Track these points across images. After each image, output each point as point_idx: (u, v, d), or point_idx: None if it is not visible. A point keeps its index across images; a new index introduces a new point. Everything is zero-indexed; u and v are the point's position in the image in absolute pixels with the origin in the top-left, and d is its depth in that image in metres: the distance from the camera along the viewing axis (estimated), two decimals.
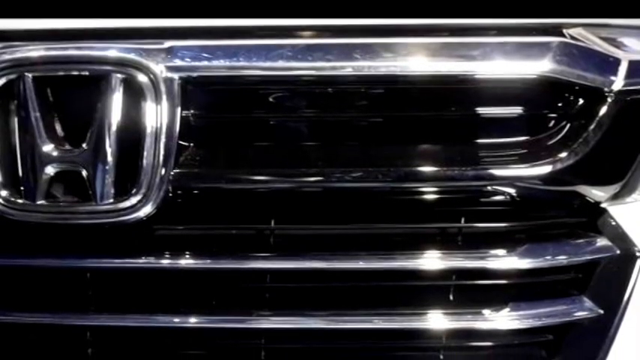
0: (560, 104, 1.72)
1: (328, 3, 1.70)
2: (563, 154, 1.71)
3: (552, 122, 1.73)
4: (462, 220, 1.76)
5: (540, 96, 1.72)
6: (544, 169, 1.70)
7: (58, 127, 1.68)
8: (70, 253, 1.71)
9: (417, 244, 1.74)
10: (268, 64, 1.66)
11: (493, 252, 1.74)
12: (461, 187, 1.71)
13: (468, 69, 1.68)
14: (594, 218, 1.80)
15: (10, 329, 1.74)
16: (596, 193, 1.76)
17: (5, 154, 1.66)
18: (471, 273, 1.75)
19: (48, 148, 1.66)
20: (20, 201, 1.67)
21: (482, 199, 1.73)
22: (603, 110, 1.71)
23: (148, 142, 1.65)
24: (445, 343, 1.77)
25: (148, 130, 1.65)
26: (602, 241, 1.79)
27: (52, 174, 1.66)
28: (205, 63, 1.66)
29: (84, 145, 1.66)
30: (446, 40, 1.70)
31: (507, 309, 1.76)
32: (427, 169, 1.70)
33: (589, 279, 1.79)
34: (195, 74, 1.66)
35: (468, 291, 1.76)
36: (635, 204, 1.80)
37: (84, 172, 1.66)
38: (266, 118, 1.72)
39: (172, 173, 1.66)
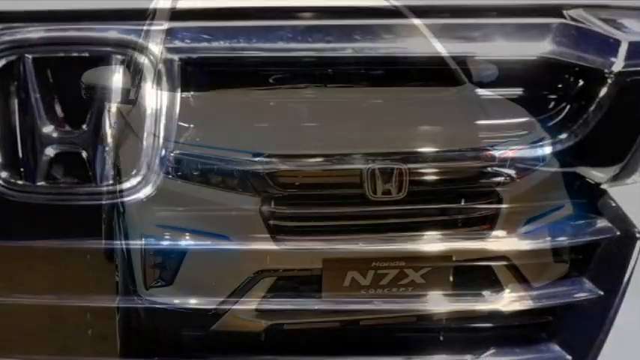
0: (560, 85, 1.72)
1: None
2: (563, 136, 1.71)
3: (552, 103, 1.73)
4: (462, 200, 1.76)
5: (540, 77, 1.72)
6: (544, 151, 1.70)
7: (58, 109, 1.68)
8: (70, 234, 1.71)
9: (417, 225, 1.74)
10: (268, 45, 1.66)
11: (493, 233, 1.74)
12: (461, 168, 1.71)
13: (468, 50, 1.68)
14: (594, 199, 1.80)
15: (10, 311, 1.74)
16: (596, 175, 1.76)
17: (5, 136, 1.66)
18: (471, 254, 1.75)
19: (48, 129, 1.66)
20: (20, 182, 1.67)
21: (483, 180, 1.73)
22: (603, 91, 1.71)
23: (148, 123, 1.65)
24: (445, 324, 1.77)
25: (148, 111, 1.65)
26: (602, 223, 1.78)
27: (52, 155, 1.66)
28: (205, 44, 1.66)
29: (84, 127, 1.66)
30: (446, 21, 1.70)
31: (507, 290, 1.75)
32: (427, 150, 1.70)
33: (589, 260, 1.79)
34: (194, 55, 1.66)
35: (468, 272, 1.76)
36: (635, 185, 1.80)
37: (84, 154, 1.66)
38: (266, 99, 1.72)
39: (172, 154, 1.66)
